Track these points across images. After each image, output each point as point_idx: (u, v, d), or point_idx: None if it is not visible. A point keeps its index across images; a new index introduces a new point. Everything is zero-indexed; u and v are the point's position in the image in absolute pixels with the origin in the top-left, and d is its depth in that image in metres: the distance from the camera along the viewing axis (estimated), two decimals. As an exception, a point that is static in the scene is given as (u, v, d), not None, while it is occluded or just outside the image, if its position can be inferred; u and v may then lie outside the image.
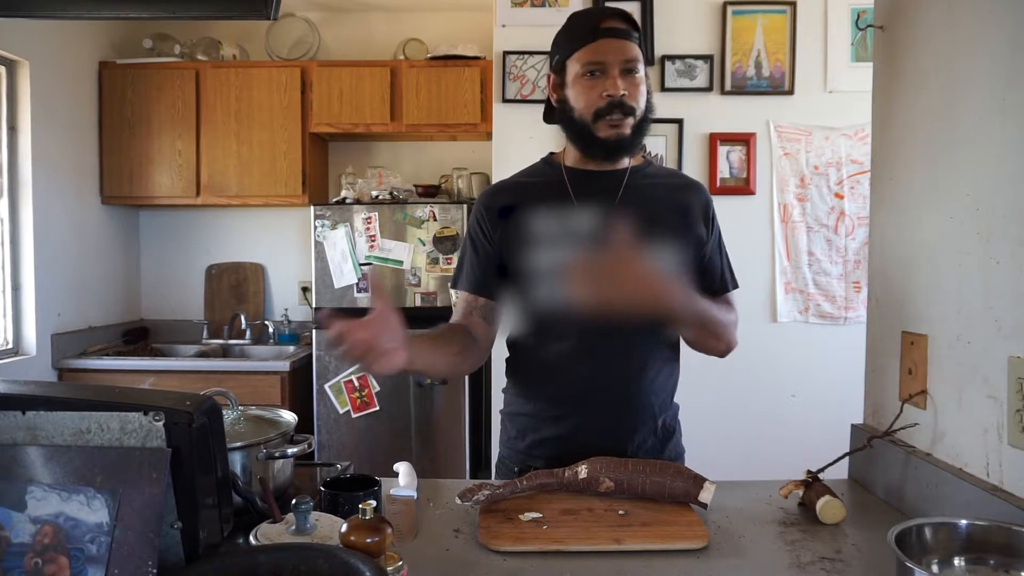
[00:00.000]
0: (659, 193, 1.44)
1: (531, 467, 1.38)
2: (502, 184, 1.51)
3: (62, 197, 3.30)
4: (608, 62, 1.34)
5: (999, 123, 1.08)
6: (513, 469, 1.45)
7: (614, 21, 1.36)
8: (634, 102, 1.36)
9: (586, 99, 1.36)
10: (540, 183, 1.45)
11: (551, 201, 1.40)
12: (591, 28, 1.36)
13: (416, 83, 3.47)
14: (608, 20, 1.36)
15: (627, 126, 1.36)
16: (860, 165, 3.11)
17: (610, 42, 1.34)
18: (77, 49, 3.39)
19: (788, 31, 3.11)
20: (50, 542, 0.82)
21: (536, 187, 1.45)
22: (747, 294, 3.26)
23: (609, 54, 1.34)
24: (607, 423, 1.39)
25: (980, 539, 0.94)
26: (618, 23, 1.36)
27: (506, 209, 1.42)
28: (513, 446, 1.48)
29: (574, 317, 1.31)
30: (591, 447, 1.33)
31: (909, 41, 1.34)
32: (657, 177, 1.48)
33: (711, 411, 2.94)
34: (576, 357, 1.39)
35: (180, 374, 3.26)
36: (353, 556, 0.80)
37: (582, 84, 1.36)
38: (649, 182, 1.45)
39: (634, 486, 1.21)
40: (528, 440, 1.45)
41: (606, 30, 1.35)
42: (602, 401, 1.39)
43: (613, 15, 1.37)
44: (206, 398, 0.89)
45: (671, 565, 1.03)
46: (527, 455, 1.44)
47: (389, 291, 3.27)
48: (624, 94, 1.33)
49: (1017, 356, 1.02)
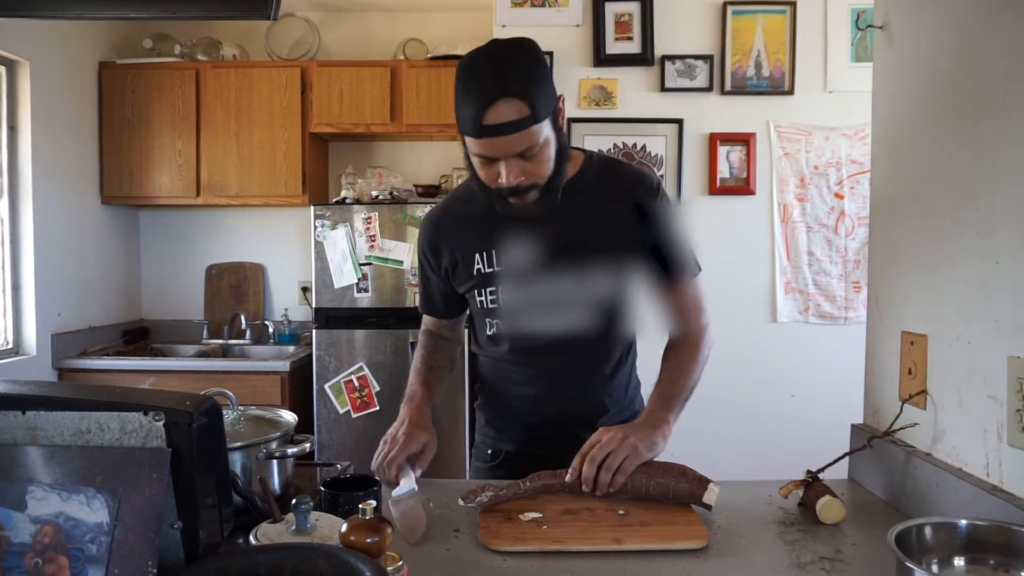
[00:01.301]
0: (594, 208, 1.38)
1: (501, 450, 1.52)
2: (437, 217, 1.50)
3: (62, 197, 3.30)
4: (497, 155, 1.24)
5: (999, 123, 1.08)
6: (486, 451, 1.55)
7: (499, 111, 1.18)
8: (533, 179, 1.27)
9: (484, 176, 1.29)
10: (474, 214, 1.42)
11: (485, 234, 1.41)
12: (475, 121, 1.20)
13: (416, 83, 3.47)
14: (491, 111, 1.18)
15: (530, 197, 1.30)
16: (860, 165, 3.11)
17: (495, 142, 1.21)
18: (77, 49, 3.39)
19: (788, 31, 3.11)
20: (50, 542, 0.82)
21: (469, 219, 1.43)
22: (747, 294, 3.29)
23: (497, 150, 1.23)
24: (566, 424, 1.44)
25: (980, 539, 0.94)
26: (505, 111, 1.18)
27: (437, 249, 1.47)
28: (485, 432, 1.57)
29: (522, 340, 1.43)
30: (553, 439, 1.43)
31: (909, 41, 1.34)
32: (594, 186, 1.39)
33: (711, 411, 2.94)
34: (526, 373, 1.46)
35: (180, 374, 3.26)
36: (353, 556, 0.80)
37: (478, 162, 1.29)
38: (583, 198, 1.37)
39: (638, 487, 1.21)
40: (495, 430, 1.55)
41: (490, 128, 1.20)
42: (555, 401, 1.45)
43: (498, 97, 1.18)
44: (206, 398, 0.89)
45: (671, 565, 1.03)
46: (497, 439, 1.54)
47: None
48: (519, 180, 1.25)
49: (1017, 356, 1.02)
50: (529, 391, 1.47)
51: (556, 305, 1.39)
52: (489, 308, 1.44)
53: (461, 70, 1.24)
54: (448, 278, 1.48)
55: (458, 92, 1.24)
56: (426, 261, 1.51)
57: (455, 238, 1.45)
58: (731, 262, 3.09)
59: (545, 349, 1.42)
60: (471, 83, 1.22)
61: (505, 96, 1.18)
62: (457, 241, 1.44)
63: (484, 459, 1.56)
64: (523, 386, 1.47)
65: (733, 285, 3.11)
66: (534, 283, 1.39)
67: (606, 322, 1.41)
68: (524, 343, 1.44)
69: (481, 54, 1.24)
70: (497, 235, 1.39)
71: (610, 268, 1.38)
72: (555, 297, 1.39)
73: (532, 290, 1.39)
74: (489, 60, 1.23)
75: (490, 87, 1.19)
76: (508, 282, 1.40)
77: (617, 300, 1.41)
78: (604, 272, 1.38)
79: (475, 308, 1.49)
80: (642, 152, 3.14)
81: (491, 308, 1.44)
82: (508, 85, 1.19)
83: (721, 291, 2.91)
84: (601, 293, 1.39)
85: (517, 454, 1.50)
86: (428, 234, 1.49)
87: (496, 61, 1.22)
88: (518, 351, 1.45)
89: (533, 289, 1.39)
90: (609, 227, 1.38)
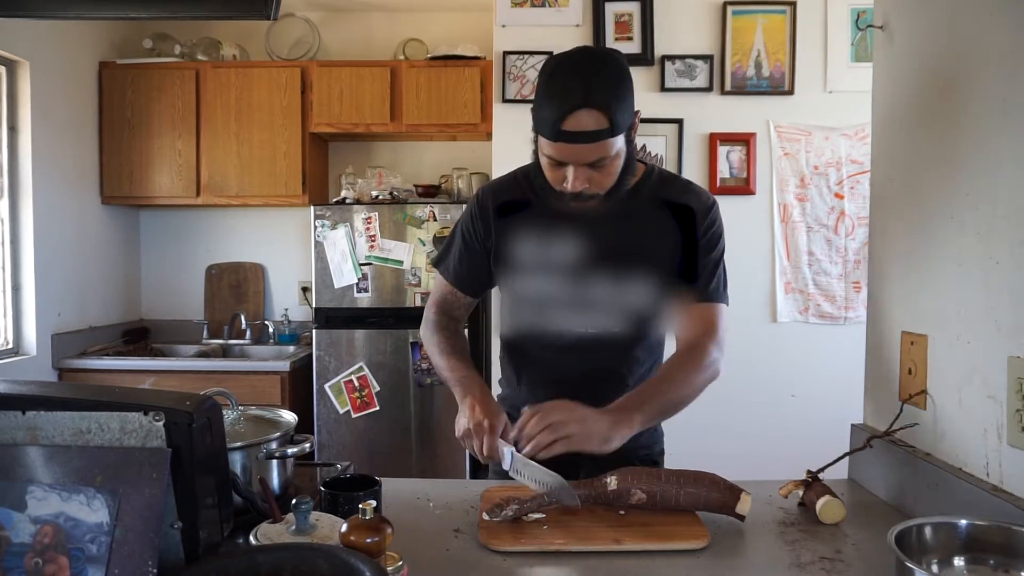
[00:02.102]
0: (646, 220, 1.40)
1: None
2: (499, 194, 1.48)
3: (62, 197, 3.30)
4: (568, 161, 1.25)
5: (999, 123, 1.08)
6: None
7: (579, 119, 1.20)
8: (597, 188, 1.29)
9: (551, 177, 1.31)
10: (530, 201, 1.43)
11: (536, 223, 1.41)
12: (553, 125, 1.21)
13: (416, 83, 3.47)
14: (572, 119, 1.20)
15: (591, 204, 1.32)
16: (860, 165, 3.11)
17: (572, 148, 1.22)
18: (77, 49, 3.39)
19: (788, 31, 3.11)
20: (50, 542, 0.82)
21: (526, 205, 1.43)
22: (747, 294, 3.28)
23: (569, 156, 1.24)
24: None
25: (980, 539, 0.94)
26: (586, 121, 1.20)
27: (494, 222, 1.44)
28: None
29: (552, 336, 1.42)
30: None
31: (909, 41, 1.34)
32: (650, 198, 1.41)
33: (711, 411, 2.94)
34: (556, 365, 1.45)
35: (180, 374, 3.26)
36: (353, 556, 0.80)
37: (547, 163, 1.30)
38: (639, 205, 1.39)
39: (667, 498, 1.16)
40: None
41: (568, 134, 1.21)
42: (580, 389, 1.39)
43: (580, 106, 1.19)
44: (206, 398, 0.89)
45: (671, 565, 1.03)
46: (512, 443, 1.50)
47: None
48: (584, 187, 1.27)
49: (1017, 356, 1.02)
50: (546, 390, 1.42)
51: (589, 306, 1.39)
52: (524, 297, 1.43)
53: (547, 71, 1.25)
54: (488, 252, 1.46)
55: (540, 92, 1.25)
56: (472, 229, 1.47)
57: (509, 217, 1.43)
58: (731, 262, 3.05)
59: (570, 349, 1.41)
60: (555, 86, 1.23)
61: (587, 106, 1.19)
62: (510, 222, 1.43)
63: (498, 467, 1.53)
64: (543, 387, 1.44)
65: (733, 285, 3.08)
66: (573, 281, 1.39)
67: (636, 332, 1.42)
68: (551, 339, 1.42)
69: (569, 59, 1.25)
70: (547, 227, 1.40)
71: (648, 281, 1.39)
72: (590, 299, 1.39)
73: (569, 287, 1.40)
74: (577, 67, 1.23)
75: (574, 94, 1.20)
76: (548, 275, 1.40)
77: (649, 313, 1.42)
78: (642, 283, 1.39)
79: (510, 295, 1.47)
80: (642, 152, 3.13)
81: (526, 297, 1.43)
82: (592, 95, 1.19)
83: (721, 291, 2.90)
84: (635, 303, 1.40)
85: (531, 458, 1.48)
86: (485, 201, 1.46)
87: (584, 69, 1.23)
88: (543, 347, 1.44)
89: (571, 287, 1.39)
90: (655, 240, 1.40)
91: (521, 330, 1.48)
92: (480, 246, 1.47)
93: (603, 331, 1.41)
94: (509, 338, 1.53)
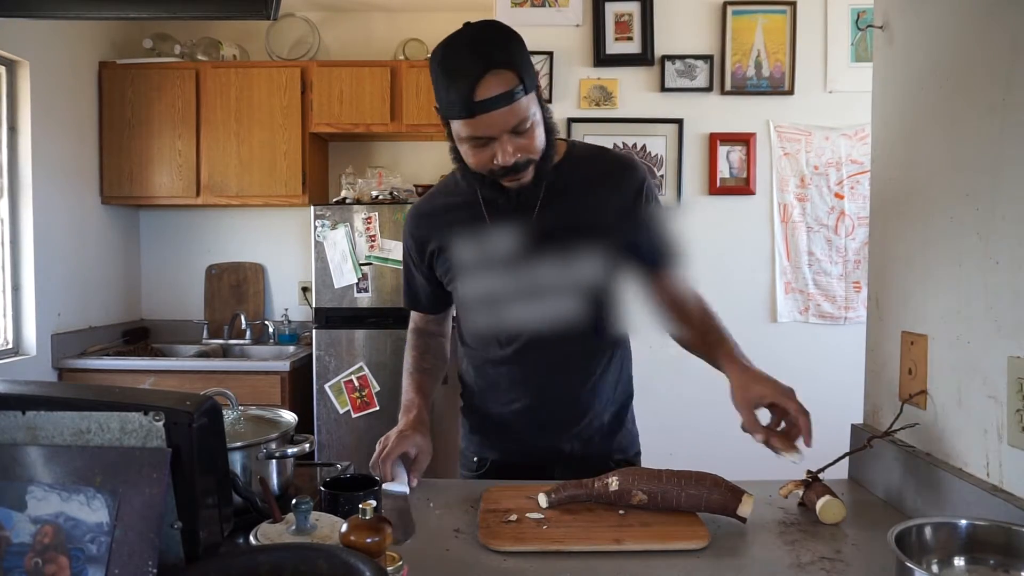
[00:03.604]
0: (580, 193, 1.37)
1: (486, 458, 1.51)
2: (421, 209, 1.49)
3: (62, 197, 3.30)
4: (492, 133, 1.22)
5: (999, 123, 1.08)
6: (472, 459, 1.54)
7: (490, 84, 1.17)
8: (529, 154, 1.26)
9: (476, 162, 1.27)
10: (457, 205, 1.42)
11: (468, 226, 1.40)
12: (464, 101, 1.18)
13: (416, 83, 3.47)
14: (481, 87, 1.16)
15: (527, 175, 1.29)
16: (860, 165, 3.11)
17: (490, 117, 1.19)
18: (77, 49, 3.39)
19: (788, 31, 3.11)
20: (50, 542, 0.82)
21: (453, 209, 1.42)
22: (747, 294, 3.28)
23: (491, 127, 1.20)
24: (549, 424, 1.44)
25: (980, 539, 0.94)
26: (495, 86, 1.17)
27: (423, 241, 1.46)
28: (469, 439, 1.56)
29: (509, 334, 1.42)
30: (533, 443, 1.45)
31: (909, 41, 1.34)
32: (577, 169, 1.38)
33: (711, 411, 2.94)
34: (511, 374, 1.44)
35: (180, 374, 3.26)
36: (353, 556, 0.80)
37: (469, 149, 1.26)
38: (566, 181, 1.36)
39: (668, 499, 1.16)
40: (479, 435, 1.53)
41: (482, 103, 1.17)
42: (543, 405, 1.44)
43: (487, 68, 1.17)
44: (206, 398, 0.89)
45: (671, 565, 1.03)
46: (481, 446, 1.53)
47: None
48: (516, 157, 1.24)
49: (1017, 356, 1.02)
50: (514, 393, 1.44)
51: (540, 293, 1.36)
52: (473, 298, 1.42)
53: (438, 57, 1.22)
54: (431, 270, 1.47)
55: (439, 79, 1.22)
56: (410, 255, 1.50)
57: (439, 228, 1.43)
58: (731, 262, 3.09)
59: (530, 344, 1.40)
60: (453, 65, 1.20)
61: (492, 68, 1.17)
62: (441, 231, 1.43)
63: (471, 467, 1.54)
64: (508, 389, 1.45)
65: (733, 285, 3.10)
66: (518, 271, 1.36)
67: (592, 313, 1.38)
68: (509, 337, 1.41)
69: (455, 39, 1.23)
70: (480, 224, 1.38)
71: (595, 254, 1.36)
72: (539, 284, 1.36)
73: (516, 278, 1.37)
74: (466, 41, 1.21)
75: (474, 65, 1.17)
76: (492, 270, 1.38)
77: (602, 288, 1.39)
78: (589, 258, 1.36)
79: (460, 301, 1.47)
80: (642, 152, 3.14)
81: (475, 298, 1.42)
82: (492, 58, 1.18)
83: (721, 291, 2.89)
84: (586, 279, 1.36)
85: (503, 463, 1.49)
86: (412, 226, 1.48)
87: (474, 40, 1.21)
88: (503, 345, 1.42)
89: (517, 277, 1.37)
90: (593, 212, 1.37)
91: (479, 333, 1.46)
92: (420, 267, 1.49)
93: (559, 318, 1.37)
94: (469, 346, 1.51)
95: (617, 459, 1.48)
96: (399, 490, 1.22)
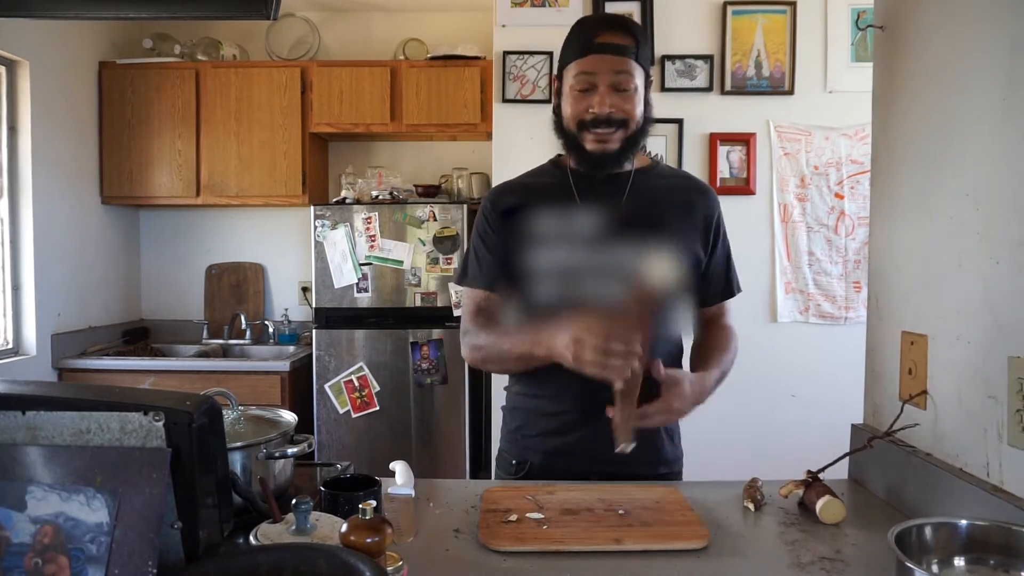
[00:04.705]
0: (664, 195, 1.46)
1: (528, 461, 1.45)
2: (508, 185, 1.53)
3: (62, 197, 3.30)
4: (598, 78, 1.34)
5: (999, 123, 1.08)
6: (511, 462, 1.48)
7: (611, 35, 1.34)
8: (623, 115, 1.36)
9: (573, 110, 1.38)
10: (545, 184, 1.48)
11: (555, 202, 1.43)
12: (586, 41, 1.35)
13: (416, 83, 3.47)
14: (605, 34, 1.34)
15: (614, 140, 1.37)
16: (860, 165, 3.11)
17: (602, 58, 1.33)
18: (77, 49, 3.39)
19: (788, 31, 3.11)
20: (50, 542, 0.82)
21: (541, 188, 1.47)
22: (747, 294, 3.23)
23: (599, 70, 1.34)
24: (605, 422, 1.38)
25: (980, 539, 0.94)
26: (615, 37, 1.34)
27: (510, 210, 1.45)
28: (512, 439, 1.50)
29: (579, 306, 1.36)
30: (587, 446, 1.38)
31: (909, 41, 1.34)
32: (664, 178, 1.50)
33: (711, 411, 2.94)
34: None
35: (180, 374, 3.26)
36: (353, 556, 0.80)
37: (573, 96, 1.38)
38: (655, 183, 1.46)
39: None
40: (525, 434, 1.47)
41: (600, 45, 1.33)
42: (601, 401, 1.37)
43: (612, 27, 1.35)
44: (206, 398, 0.89)
45: (671, 565, 1.03)
46: (524, 448, 1.47)
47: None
48: (611, 110, 1.34)
49: (1017, 356, 1.02)
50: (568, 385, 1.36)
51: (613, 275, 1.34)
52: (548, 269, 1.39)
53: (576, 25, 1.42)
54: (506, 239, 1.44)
55: (570, 34, 1.41)
56: (489, 229, 1.47)
57: (527, 199, 1.45)
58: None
59: None
60: (586, 21, 1.43)
61: (616, 27, 1.36)
62: (528, 202, 1.45)
63: (508, 470, 1.49)
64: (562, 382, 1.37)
65: (733, 285, 3.10)
66: (600, 249, 1.39)
67: None
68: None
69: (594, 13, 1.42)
70: (570, 202, 1.43)
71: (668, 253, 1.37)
72: (617, 266, 1.36)
73: (597, 256, 1.38)
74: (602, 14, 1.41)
75: (604, 20, 1.43)
76: (575, 245, 1.40)
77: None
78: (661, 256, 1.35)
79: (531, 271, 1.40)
80: (642, 152, 3.13)
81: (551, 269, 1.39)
82: (619, 22, 1.38)
83: (721, 291, 2.91)
84: None
85: (543, 466, 1.44)
86: (494, 197, 1.49)
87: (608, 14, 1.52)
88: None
89: (599, 255, 1.38)
90: (671, 218, 1.43)
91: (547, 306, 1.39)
92: (499, 240, 1.45)
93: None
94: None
95: (662, 472, 1.45)
96: (404, 492, 1.22)
